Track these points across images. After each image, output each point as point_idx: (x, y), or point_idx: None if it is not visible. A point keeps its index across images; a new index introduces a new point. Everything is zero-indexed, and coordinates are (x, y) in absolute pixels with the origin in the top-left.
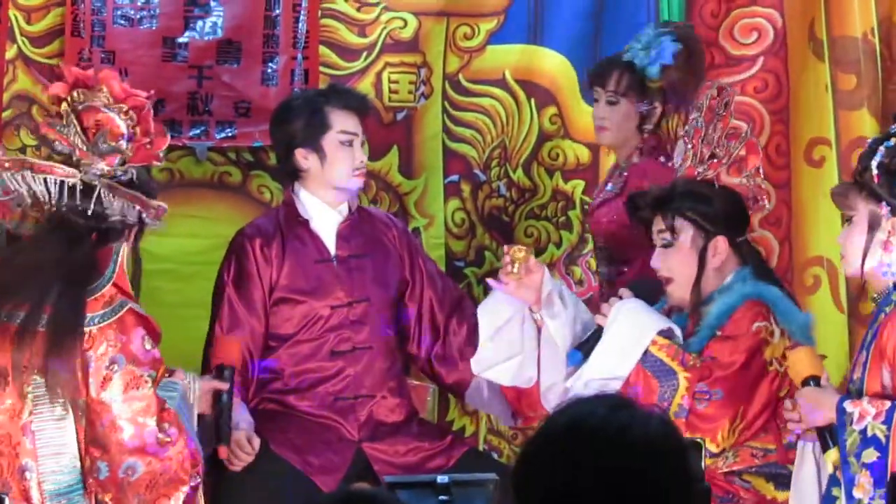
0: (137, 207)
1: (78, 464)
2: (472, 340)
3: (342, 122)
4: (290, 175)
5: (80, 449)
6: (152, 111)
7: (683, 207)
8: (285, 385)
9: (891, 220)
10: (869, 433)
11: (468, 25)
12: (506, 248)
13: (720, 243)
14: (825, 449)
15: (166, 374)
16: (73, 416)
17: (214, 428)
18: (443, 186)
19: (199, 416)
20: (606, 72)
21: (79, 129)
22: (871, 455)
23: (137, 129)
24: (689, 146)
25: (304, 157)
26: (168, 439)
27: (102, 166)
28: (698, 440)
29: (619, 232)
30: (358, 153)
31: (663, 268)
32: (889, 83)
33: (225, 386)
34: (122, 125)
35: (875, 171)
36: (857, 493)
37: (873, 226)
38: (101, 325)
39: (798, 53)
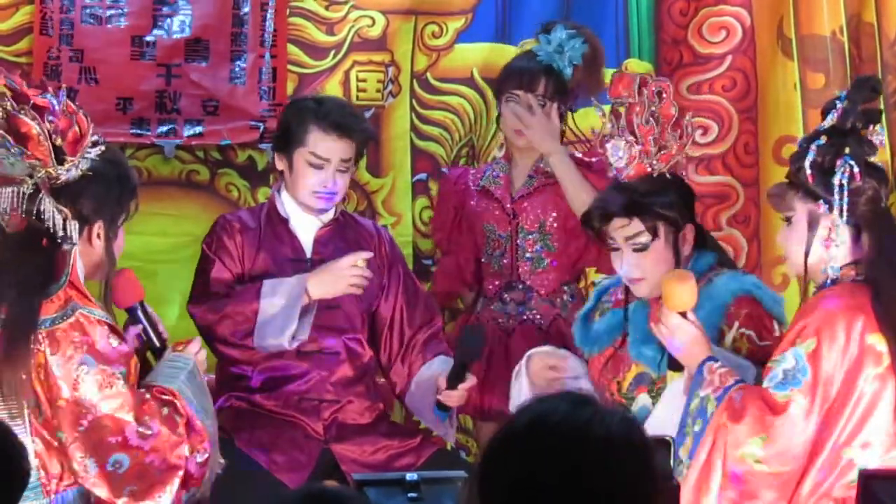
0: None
1: (34, 461)
2: (423, 359)
3: (317, 144)
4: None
5: (34, 447)
6: (62, 101)
7: (660, 207)
8: (252, 384)
9: (829, 218)
10: (705, 404)
11: (436, 24)
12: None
13: (688, 232)
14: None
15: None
16: (30, 415)
17: None
18: (411, 185)
19: None
20: (535, 77)
21: (11, 141)
22: (699, 425)
23: (54, 125)
24: (627, 143)
25: (279, 160)
26: (149, 432)
27: (49, 170)
28: (668, 438)
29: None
30: (327, 178)
31: (636, 271)
32: None
33: None
34: (35, 126)
35: (809, 171)
36: (682, 454)
37: (812, 225)
38: (55, 327)
39: (766, 52)
